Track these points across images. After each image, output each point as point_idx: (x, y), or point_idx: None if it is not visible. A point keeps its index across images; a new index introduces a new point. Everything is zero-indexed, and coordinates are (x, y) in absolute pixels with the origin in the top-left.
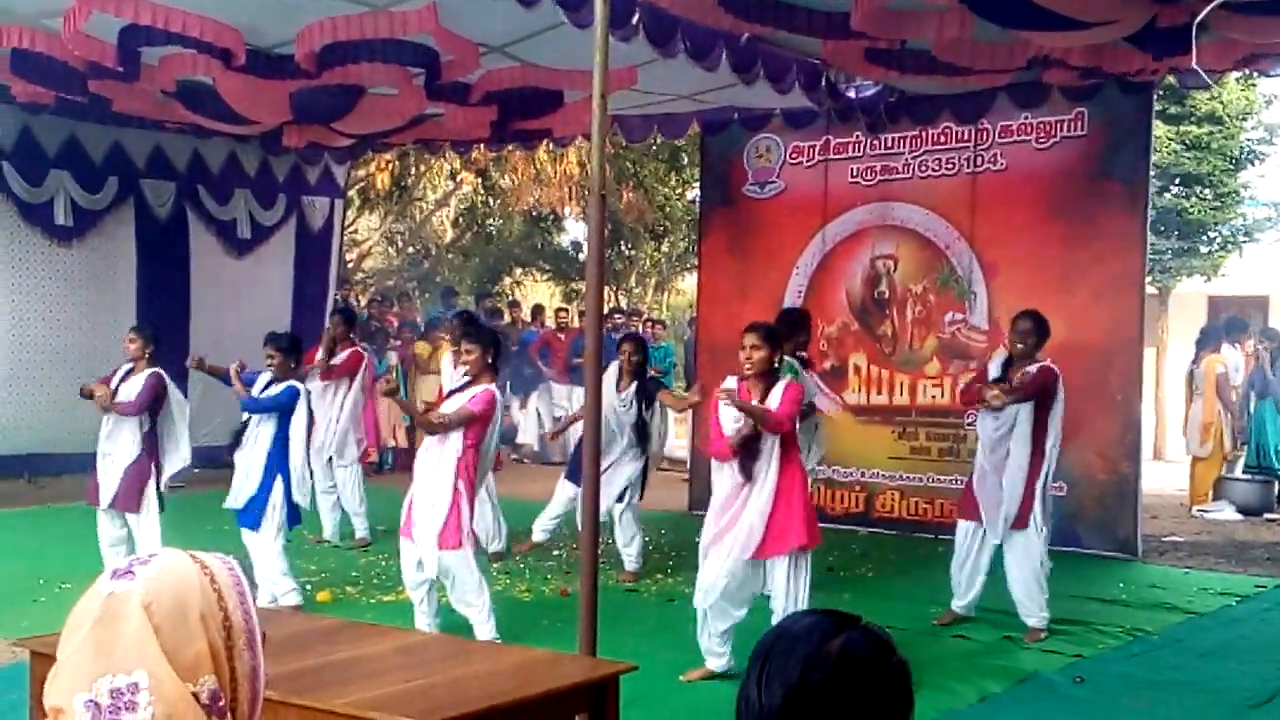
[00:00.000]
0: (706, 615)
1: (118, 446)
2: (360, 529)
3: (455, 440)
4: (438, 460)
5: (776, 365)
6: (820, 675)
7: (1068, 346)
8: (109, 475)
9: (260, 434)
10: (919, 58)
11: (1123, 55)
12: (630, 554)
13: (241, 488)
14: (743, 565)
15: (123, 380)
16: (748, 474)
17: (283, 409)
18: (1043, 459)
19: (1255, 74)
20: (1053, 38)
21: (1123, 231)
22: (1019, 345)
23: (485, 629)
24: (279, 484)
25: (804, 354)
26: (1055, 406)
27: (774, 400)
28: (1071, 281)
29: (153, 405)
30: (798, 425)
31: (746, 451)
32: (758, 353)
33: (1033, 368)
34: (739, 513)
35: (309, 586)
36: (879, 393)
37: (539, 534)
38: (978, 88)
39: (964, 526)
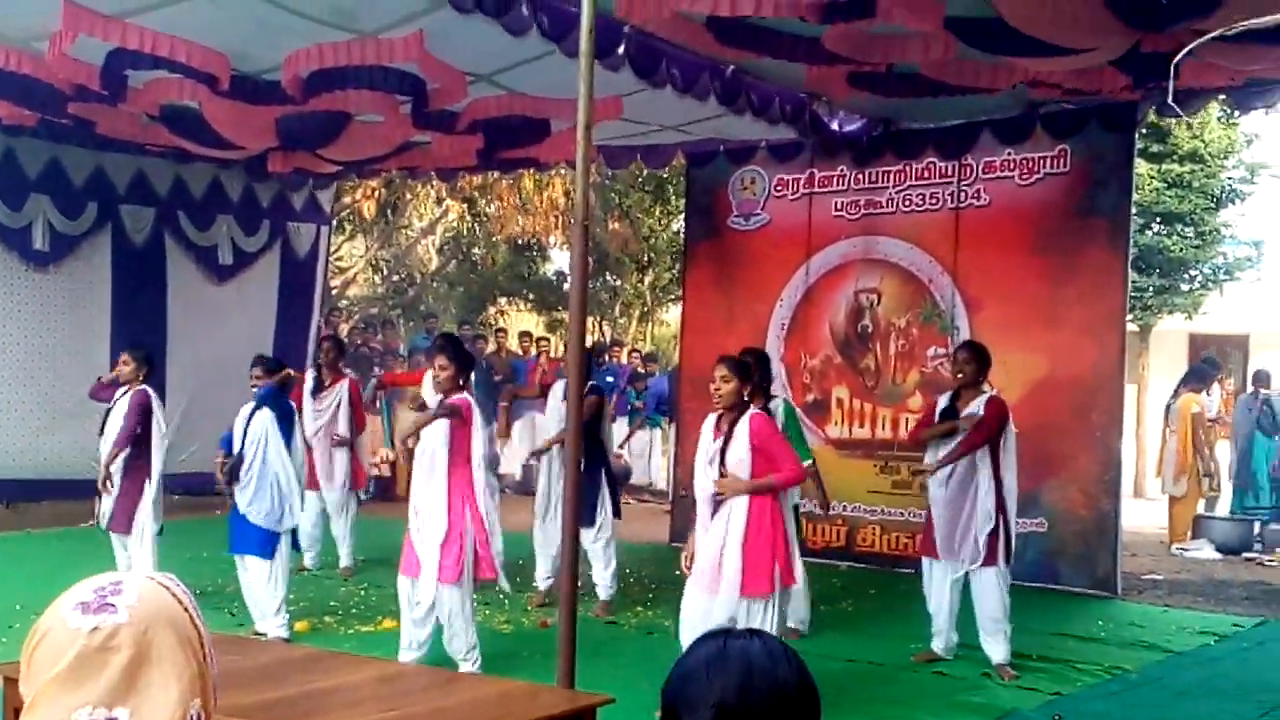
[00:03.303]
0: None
1: (115, 468)
2: (345, 557)
3: (442, 462)
4: (428, 486)
5: (746, 398)
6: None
7: (1049, 382)
8: (108, 497)
9: (259, 460)
10: (905, 80)
11: (1108, 75)
12: (604, 580)
13: (250, 512)
14: (709, 601)
15: (116, 403)
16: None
17: (272, 399)
18: (1003, 490)
19: (1234, 106)
20: (1036, 63)
21: (1104, 268)
22: (959, 375)
23: (468, 664)
24: (289, 511)
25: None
26: (1006, 437)
27: (741, 440)
28: (1053, 317)
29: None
30: None
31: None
32: (727, 385)
33: (978, 404)
34: (708, 547)
35: (286, 616)
36: (861, 426)
37: (544, 583)
38: (964, 115)
39: (926, 563)
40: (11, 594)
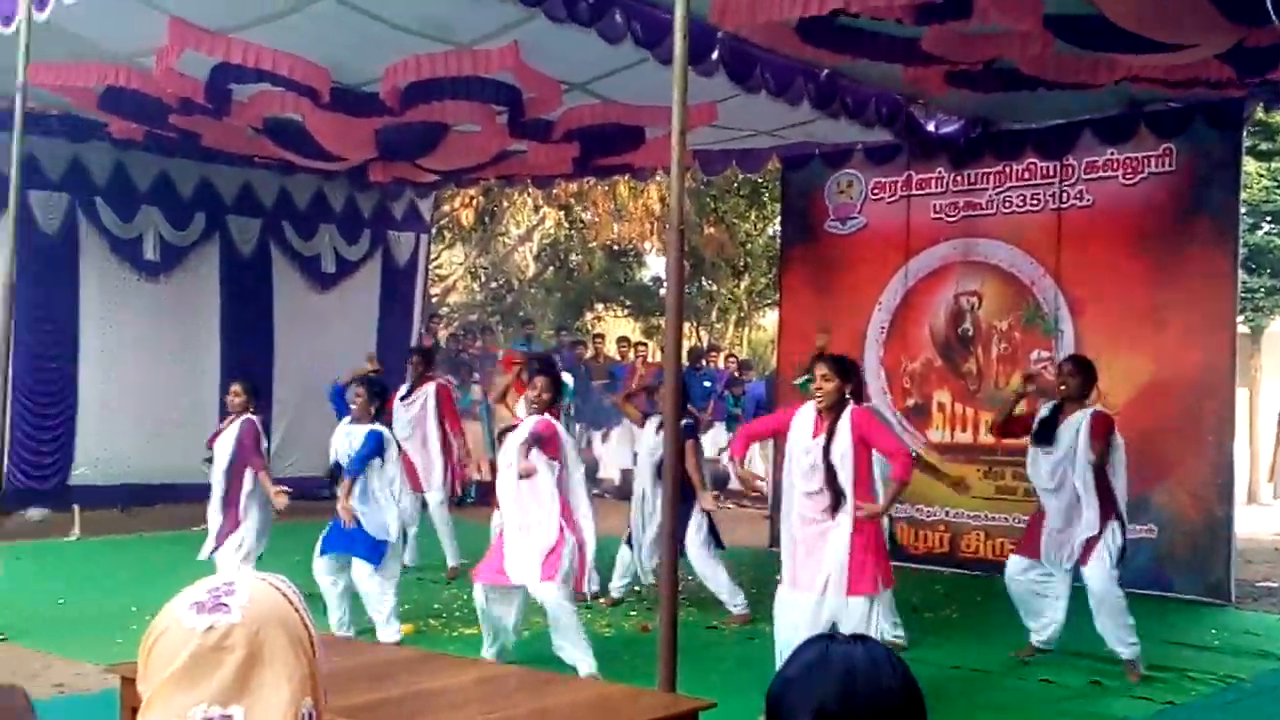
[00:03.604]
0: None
1: (215, 495)
2: (450, 558)
3: (544, 478)
4: (532, 500)
5: (847, 396)
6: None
7: (1157, 385)
8: (213, 520)
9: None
10: (1003, 76)
11: (1211, 68)
12: (731, 597)
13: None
14: (813, 601)
15: (224, 432)
16: (835, 507)
17: (375, 454)
18: (1113, 507)
19: None
20: (1137, 59)
21: (1213, 269)
22: (1062, 387)
23: (585, 665)
24: (395, 519)
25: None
26: (1114, 454)
27: (844, 435)
28: (1161, 319)
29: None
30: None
31: (830, 483)
32: (828, 384)
33: (1080, 418)
34: (809, 550)
35: (397, 622)
36: (963, 430)
37: (616, 591)
38: (1064, 115)
39: (1017, 562)
40: (126, 595)
